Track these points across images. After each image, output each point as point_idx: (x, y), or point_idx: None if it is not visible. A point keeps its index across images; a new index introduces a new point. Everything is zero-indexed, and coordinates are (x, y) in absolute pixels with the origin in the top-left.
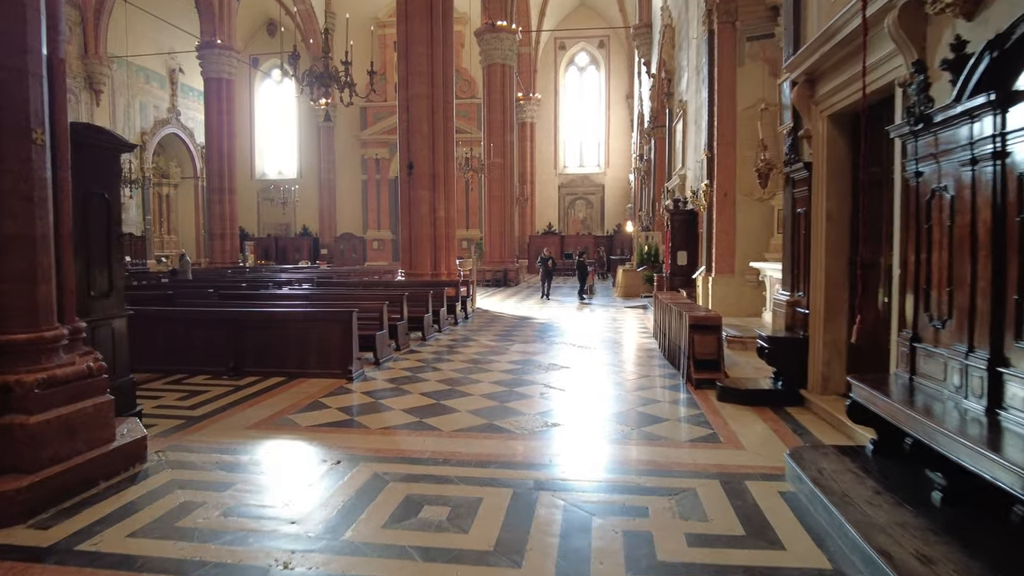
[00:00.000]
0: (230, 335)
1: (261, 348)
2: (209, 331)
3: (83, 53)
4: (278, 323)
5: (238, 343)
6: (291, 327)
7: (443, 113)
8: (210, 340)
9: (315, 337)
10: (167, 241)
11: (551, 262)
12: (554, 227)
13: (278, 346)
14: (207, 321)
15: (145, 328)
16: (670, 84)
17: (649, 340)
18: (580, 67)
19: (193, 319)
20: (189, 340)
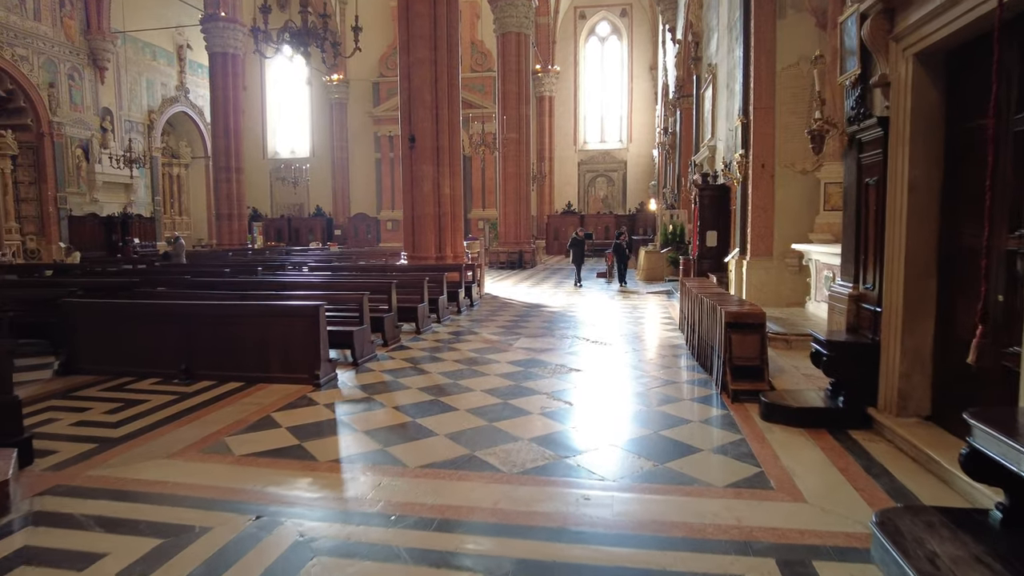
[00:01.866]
0: (182, 332)
1: (218, 348)
2: (159, 327)
3: (86, 28)
4: (235, 319)
5: (191, 342)
6: (250, 323)
7: (447, 80)
8: (161, 338)
9: (277, 335)
10: (178, 223)
11: (584, 243)
12: (573, 206)
13: (236, 346)
14: (156, 316)
15: (91, 324)
16: (697, 48)
17: (675, 334)
18: (601, 37)
19: (141, 313)
20: (137, 338)
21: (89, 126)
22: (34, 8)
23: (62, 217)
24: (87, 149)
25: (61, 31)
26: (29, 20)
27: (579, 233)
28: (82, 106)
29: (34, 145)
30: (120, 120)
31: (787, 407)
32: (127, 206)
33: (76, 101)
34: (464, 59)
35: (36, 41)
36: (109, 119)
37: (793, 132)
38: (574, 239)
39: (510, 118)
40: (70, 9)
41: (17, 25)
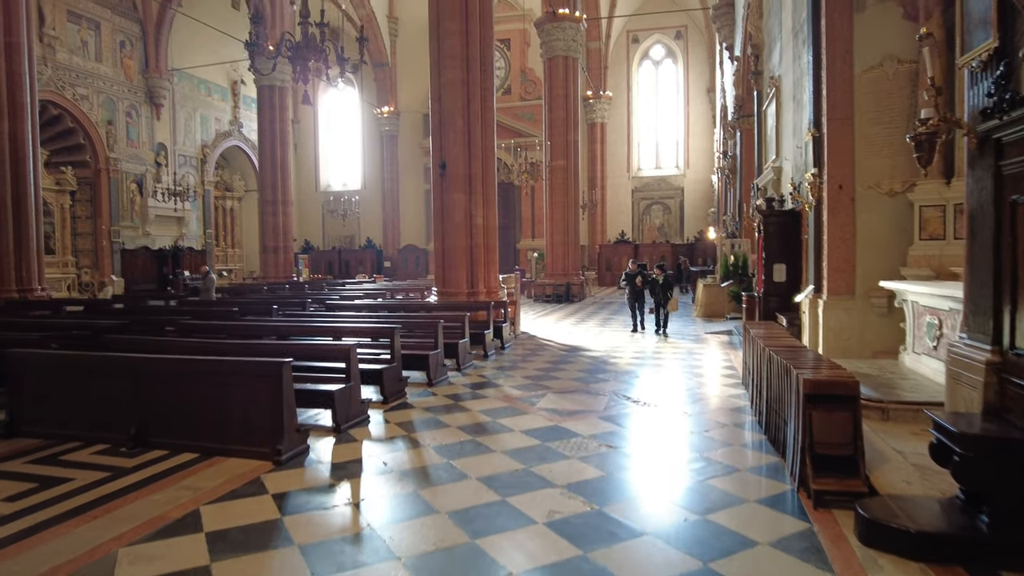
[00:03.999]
0: (134, 391)
1: (174, 409)
2: (109, 384)
3: (144, 67)
4: (191, 376)
5: (144, 402)
6: (207, 382)
7: (480, 102)
8: (110, 396)
9: (237, 398)
10: (230, 255)
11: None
12: (627, 235)
13: (193, 408)
14: (106, 371)
15: (40, 378)
16: (758, 61)
17: (738, 391)
18: (655, 61)
19: (91, 367)
20: (88, 396)
21: (144, 161)
22: (96, 50)
23: (115, 250)
24: (141, 184)
25: (121, 71)
26: (91, 61)
27: (632, 266)
28: (138, 142)
29: (91, 180)
30: (174, 155)
31: (899, 530)
32: (178, 239)
33: (132, 137)
34: (513, 87)
35: (97, 81)
36: (164, 154)
37: (877, 146)
38: (628, 274)
39: (557, 145)
40: (130, 49)
41: (80, 66)
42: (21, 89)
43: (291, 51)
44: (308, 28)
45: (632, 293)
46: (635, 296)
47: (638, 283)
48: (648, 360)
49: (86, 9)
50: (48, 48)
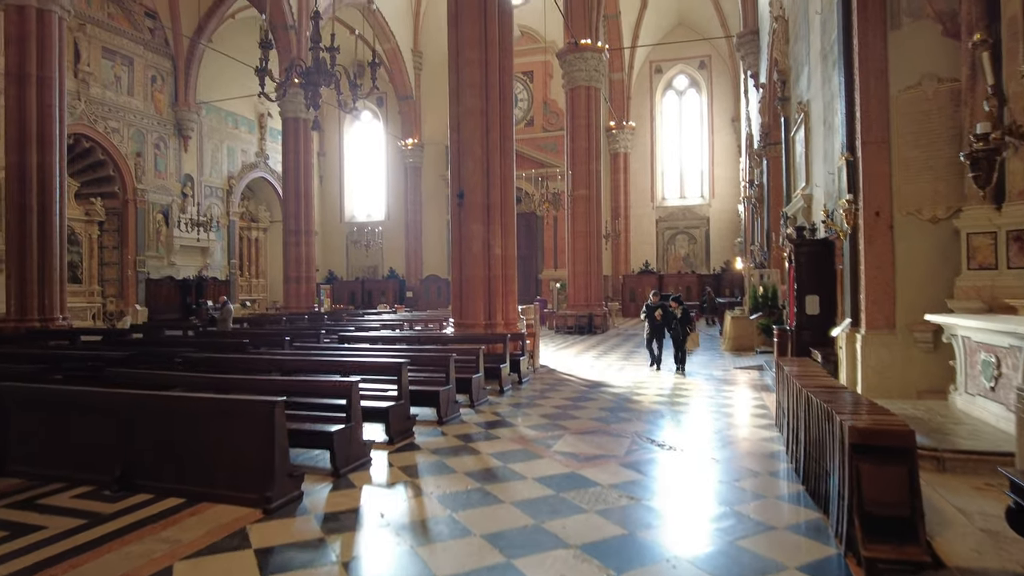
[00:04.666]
0: (121, 429)
1: (162, 450)
2: (96, 421)
3: (174, 101)
4: (179, 415)
5: (131, 442)
6: (197, 421)
7: (500, 131)
8: (97, 435)
9: (226, 439)
10: (255, 285)
11: (661, 311)
12: (652, 265)
13: (182, 449)
14: (91, 407)
15: (27, 414)
16: (784, 87)
17: (771, 433)
18: (679, 91)
19: (77, 404)
20: (72, 433)
21: (171, 192)
22: (128, 84)
23: (140, 280)
24: (167, 214)
25: (151, 104)
26: (123, 95)
27: (654, 298)
28: (165, 173)
29: (119, 211)
30: (200, 186)
31: None
32: (202, 269)
33: (160, 169)
34: (536, 119)
35: (128, 114)
36: (190, 185)
37: (916, 170)
38: (649, 306)
39: (579, 174)
40: (160, 84)
41: (112, 100)
42: (51, 121)
43: (301, 76)
44: (319, 53)
45: (652, 326)
46: (654, 330)
47: (657, 316)
48: (674, 397)
49: (120, 46)
50: (83, 83)
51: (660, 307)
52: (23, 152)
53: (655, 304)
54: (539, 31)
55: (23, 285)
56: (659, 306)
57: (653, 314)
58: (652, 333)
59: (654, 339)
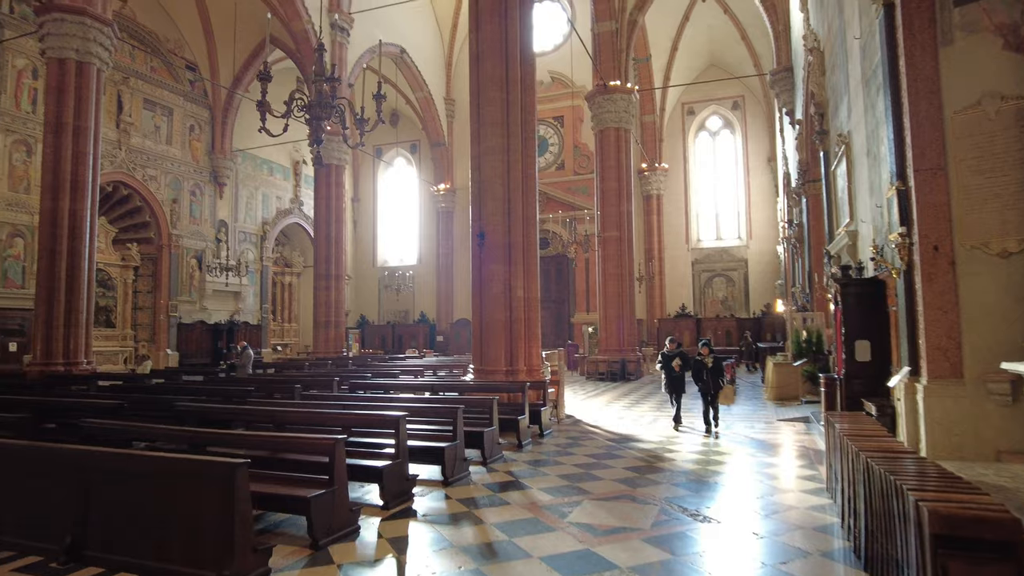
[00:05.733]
0: (75, 490)
1: (117, 516)
2: (47, 482)
3: (211, 149)
4: (139, 475)
5: (85, 505)
6: (155, 483)
7: (522, 170)
8: (51, 495)
9: (182, 505)
10: (287, 329)
11: (681, 360)
12: (688, 309)
13: (139, 516)
14: (43, 465)
15: None
16: (823, 120)
17: (821, 500)
18: (712, 132)
19: (26, 459)
20: (24, 494)
21: (205, 237)
22: (167, 134)
23: (172, 324)
24: (201, 259)
25: (188, 152)
26: (162, 144)
27: (670, 346)
28: (200, 219)
29: (154, 256)
30: (234, 231)
31: None
32: (235, 314)
33: (195, 215)
34: (567, 162)
35: (166, 162)
36: (224, 231)
37: (981, 198)
38: (665, 355)
39: (609, 215)
40: (198, 132)
41: (151, 149)
42: (85, 169)
43: (303, 110)
44: (321, 86)
45: (670, 379)
46: (673, 383)
47: (675, 367)
48: (710, 455)
49: (161, 97)
50: (124, 133)
51: (679, 355)
52: (56, 198)
53: (672, 352)
54: (569, 76)
55: (50, 329)
56: (677, 354)
57: (670, 364)
58: (671, 387)
59: (673, 393)
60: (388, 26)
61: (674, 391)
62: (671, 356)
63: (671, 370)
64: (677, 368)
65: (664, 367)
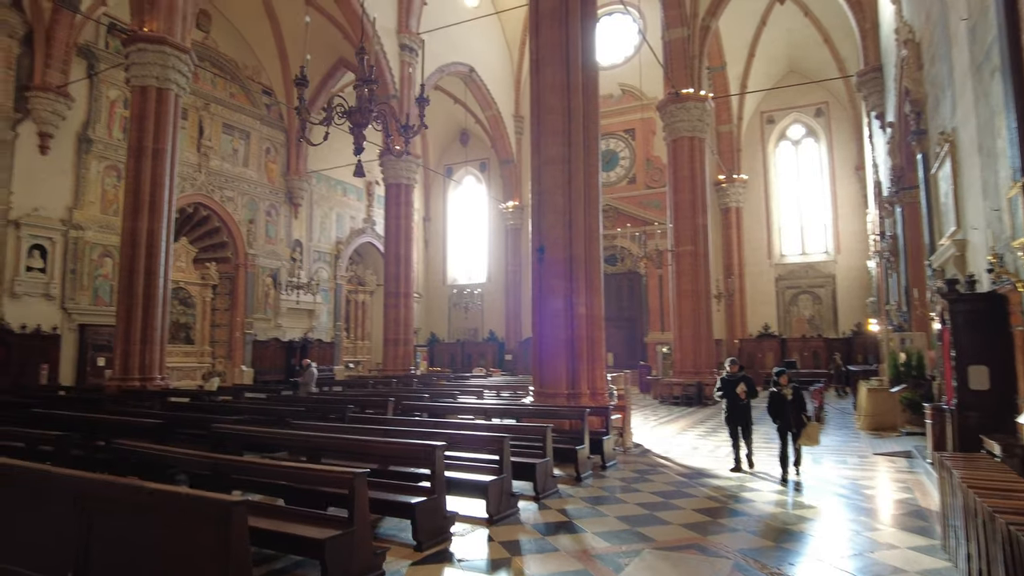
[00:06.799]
0: (76, 522)
1: (116, 554)
2: (53, 509)
3: (286, 171)
4: (135, 509)
5: (86, 539)
6: (151, 519)
7: (584, 180)
8: (53, 526)
9: (177, 546)
10: (360, 347)
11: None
12: (772, 328)
13: (140, 555)
14: (44, 494)
15: None
16: (920, 119)
17: (934, 561)
18: (794, 140)
19: (30, 483)
20: (33, 521)
21: (280, 257)
22: (244, 156)
23: (247, 341)
24: (276, 278)
25: (264, 174)
26: (239, 167)
27: (731, 368)
28: (275, 239)
29: (231, 275)
30: (309, 251)
31: None
32: (308, 331)
33: (271, 235)
34: (639, 176)
35: (243, 184)
36: (299, 250)
37: None
38: (726, 380)
39: (684, 229)
40: (274, 155)
41: (229, 171)
42: (162, 190)
43: (343, 117)
44: (362, 91)
45: (733, 412)
46: (736, 414)
47: (741, 395)
48: (797, 496)
49: (239, 121)
50: (204, 156)
51: (743, 380)
52: (135, 219)
53: (734, 376)
54: (641, 88)
55: (127, 345)
56: (740, 379)
57: (733, 391)
58: (733, 420)
59: (737, 428)
60: (457, 45)
61: (738, 425)
62: (733, 381)
63: (735, 399)
64: (743, 396)
65: (725, 395)
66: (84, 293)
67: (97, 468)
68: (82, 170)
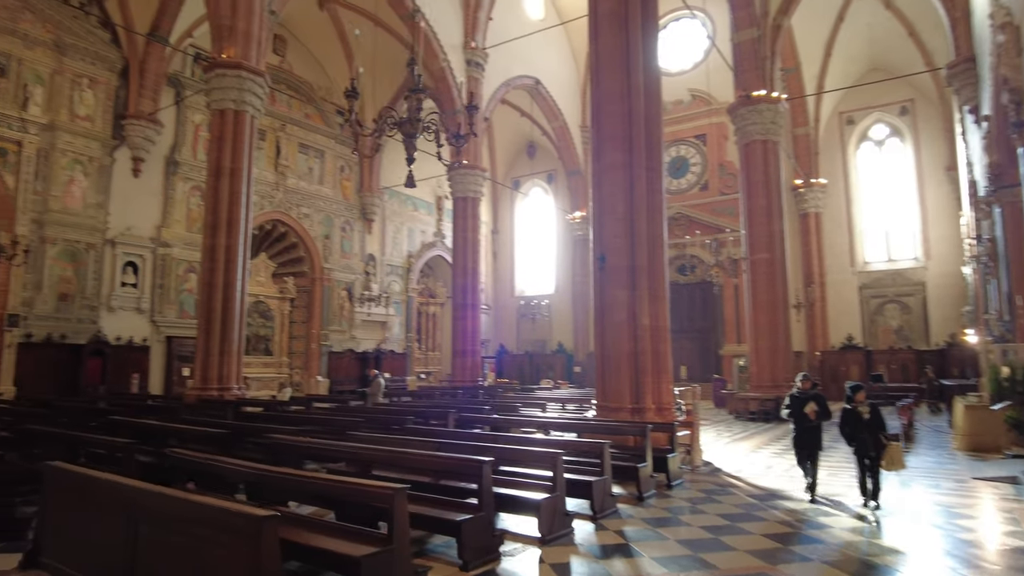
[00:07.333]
0: (126, 532)
1: (163, 560)
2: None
3: (359, 187)
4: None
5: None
6: (182, 533)
7: (646, 185)
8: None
9: (204, 563)
10: (431, 358)
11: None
12: (855, 339)
13: (179, 562)
14: (99, 498)
15: (63, 502)
16: (1019, 110)
17: None
18: (877, 141)
19: (84, 490)
20: (89, 530)
21: (354, 270)
22: (319, 174)
23: (323, 353)
24: (351, 291)
25: (339, 191)
26: (315, 184)
27: (803, 384)
28: (350, 253)
29: (308, 289)
30: (381, 264)
31: None
32: (381, 342)
33: (345, 249)
34: (711, 183)
35: (318, 201)
36: (372, 264)
37: None
38: (795, 396)
39: (758, 236)
40: (348, 172)
41: (305, 189)
42: (238, 207)
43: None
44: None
45: (801, 433)
46: (806, 438)
47: (811, 414)
48: (879, 524)
49: (315, 141)
50: (281, 175)
51: (814, 398)
52: (214, 236)
53: (805, 394)
54: (711, 93)
55: (206, 357)
56: (812, 397)
57: (802, 410)
58: (802, 443)
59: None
60: (522, 58)
61: (807, 449)
62: (803, 399)
63: (803, 419)
64: (813, 416)
65: (792, 414)
66: (171, 307)
67: (162, 475)
68: (169, 191)
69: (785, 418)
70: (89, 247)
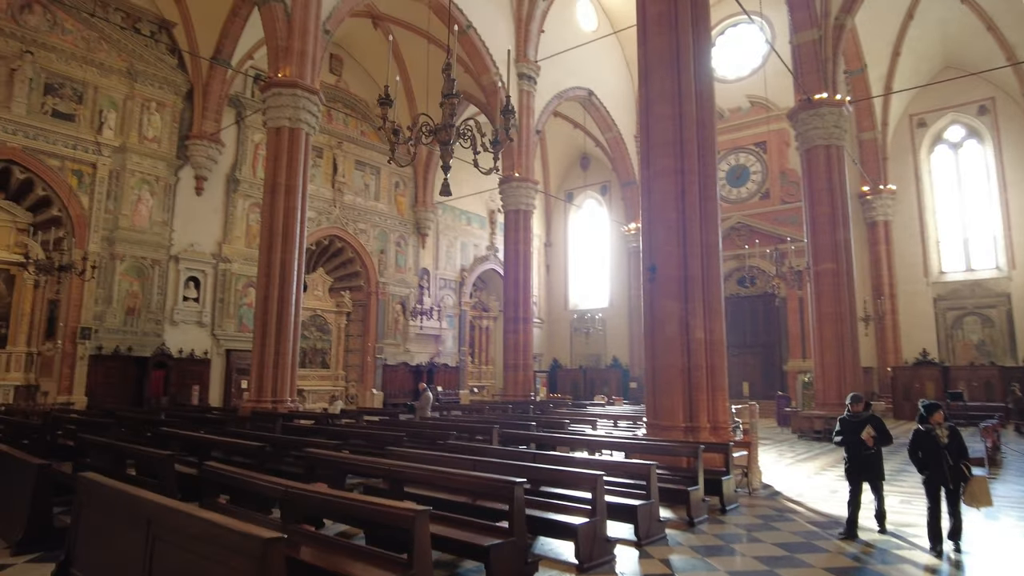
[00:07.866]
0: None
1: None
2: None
3: (413, 203)
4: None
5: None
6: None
7: (699, 192)
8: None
9: None
10: (484, 372)
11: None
12: (931, 354)
13: None
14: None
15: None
16: None
17: None
18: (953, 144)
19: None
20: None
21: (408, 284)
22: (375, 191)
23: (378, 366)
24: (405, 305)
25: (394, 207)
26: (371, 200)
27: (854, 407)
28: (404, 268)
29: (363, 303)
30: (435, 279)
31: None
32: (434, 356)
33: (400, 264)
34: (772, 191)
35: (374, 216)
36: (426, 278)
37: None
38: (846, 420)
39: (823, 245)
40: (402, 188)
41: (361, 205)
42: (293, 222)
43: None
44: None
45: (856, 462)
46: (859, 465)
47: (868, 440)
48: (964, 563)
49: (370, 159)
50: (338, 192)
51: (869, 422)
52: (270, 251)
53: (858, 416)
54: (771, 100)
55: (261, 369)
56: (866, 420)
57: (857, 435)
58: (857, 472)
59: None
60: (574, 69)
61: (863, 478)
62: (858, 423)
63: (859, 446)
64: (871, 442)
65: (844, 441)
66: (230, 320)
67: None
68: (230, 208)
69: (836, 443)
70: (154, 263)
